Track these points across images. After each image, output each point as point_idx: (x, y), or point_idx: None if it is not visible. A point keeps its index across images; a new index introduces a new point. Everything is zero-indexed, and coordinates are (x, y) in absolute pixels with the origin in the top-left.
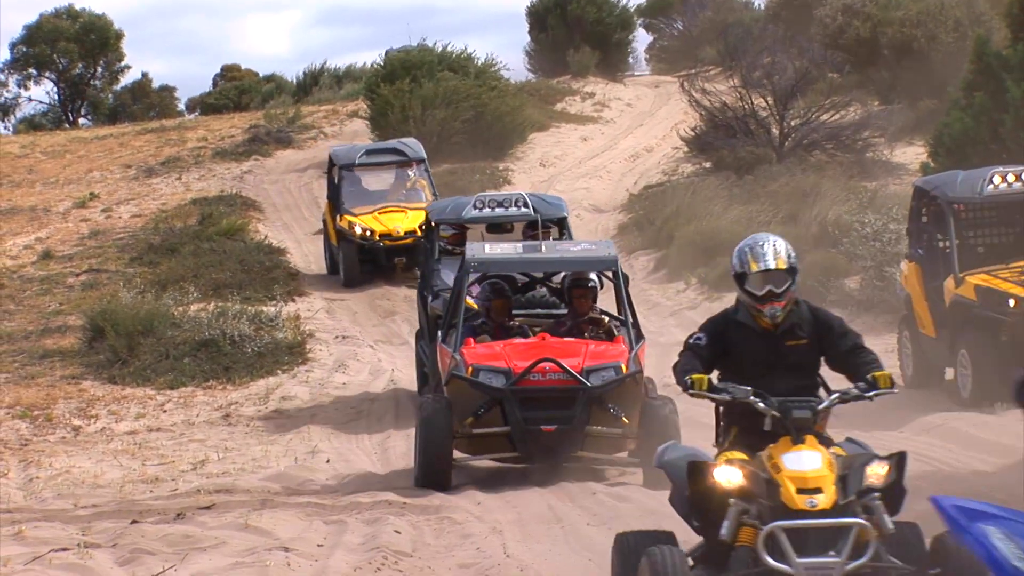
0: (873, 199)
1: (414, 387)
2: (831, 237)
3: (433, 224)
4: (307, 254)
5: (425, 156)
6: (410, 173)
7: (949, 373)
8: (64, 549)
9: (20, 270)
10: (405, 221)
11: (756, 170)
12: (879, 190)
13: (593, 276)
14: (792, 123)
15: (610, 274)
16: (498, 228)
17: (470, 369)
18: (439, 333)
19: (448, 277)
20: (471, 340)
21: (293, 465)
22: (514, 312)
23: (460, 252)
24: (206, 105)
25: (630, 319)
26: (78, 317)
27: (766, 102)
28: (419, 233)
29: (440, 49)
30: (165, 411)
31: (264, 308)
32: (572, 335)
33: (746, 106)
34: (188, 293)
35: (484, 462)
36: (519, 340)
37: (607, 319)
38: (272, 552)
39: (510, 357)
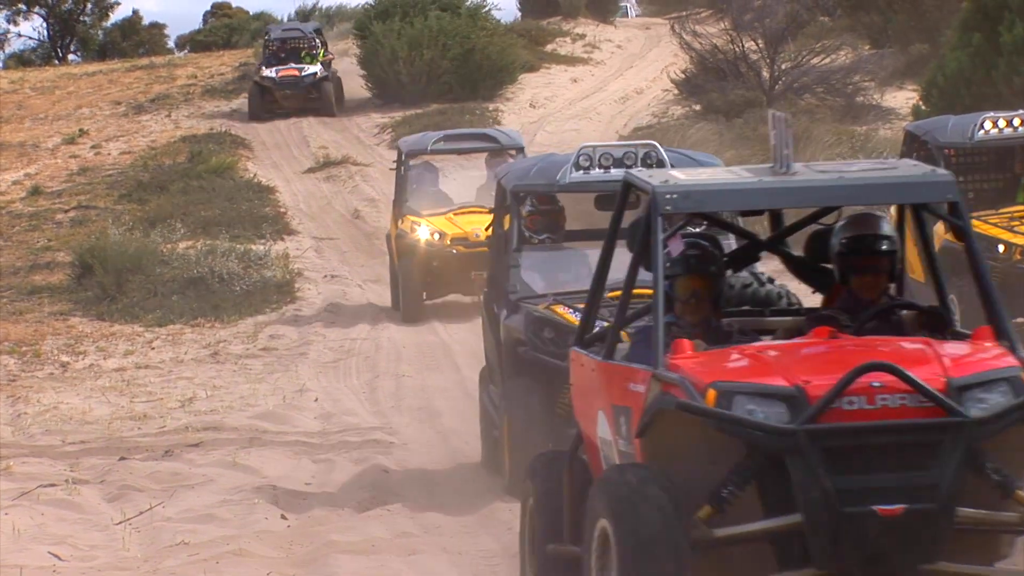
0: (865, 143)
1: (401, 328)
2: None
3: (511, 196)
4: (296, 193)
5: (524, 144)
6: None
7: None
8: (52, 485)
9: (9, 206)
10: (488, 223)
11: (746, 113)
12: (870, 135)
13: (889, 228)
14: (782, 66)
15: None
16: (611, 201)
17: (713, 394)
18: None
19: (533, 279)
20: (686, 343)
21: (281, 404)
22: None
23: (549, 239)
24: (196, 43)
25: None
26: (67, 253)
27: (757, 45)
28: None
29: None
30: (153, 348)
31: (253, 247)
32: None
33: (736, 49)
34: (176, 231)
35: None
36: (781, 343)
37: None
38: (260, 490)
39: (791, 368)
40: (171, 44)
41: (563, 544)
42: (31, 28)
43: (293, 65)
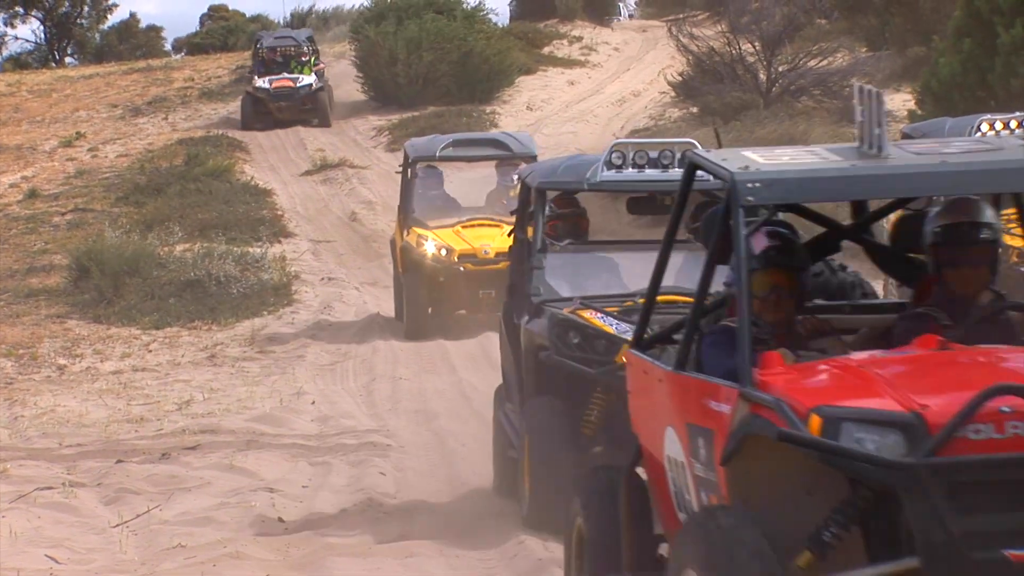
0: None
1: (399, 331)
2: None
3: (534, 193)
4: (293, 195)
5: (536, 152)
6: (515, 175)
7: None
8: (49, 488)
9: (6, 208)
10: (500, 239)
11: (743, 116)
12: None
13: (991, 215)
14: (779, 69)
15: None
16: (645, 204)
17: (817, 421)
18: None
19: (558, 282)
20: (775, 356)
21: (278, 406)
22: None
23: (570, 245)
24: (193, 45)
25: None
26: (64, 256)
27: (754, 47)
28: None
29: None
30: (150, 351)
31: (250, 249)
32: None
33: (733, 51)
34: (174, 233)
35: None
36: (885, 356)
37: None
38: (257, 493)
39: (904, 389)
40: (168, 47)
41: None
42: (28, 31)
43: (287, 75)
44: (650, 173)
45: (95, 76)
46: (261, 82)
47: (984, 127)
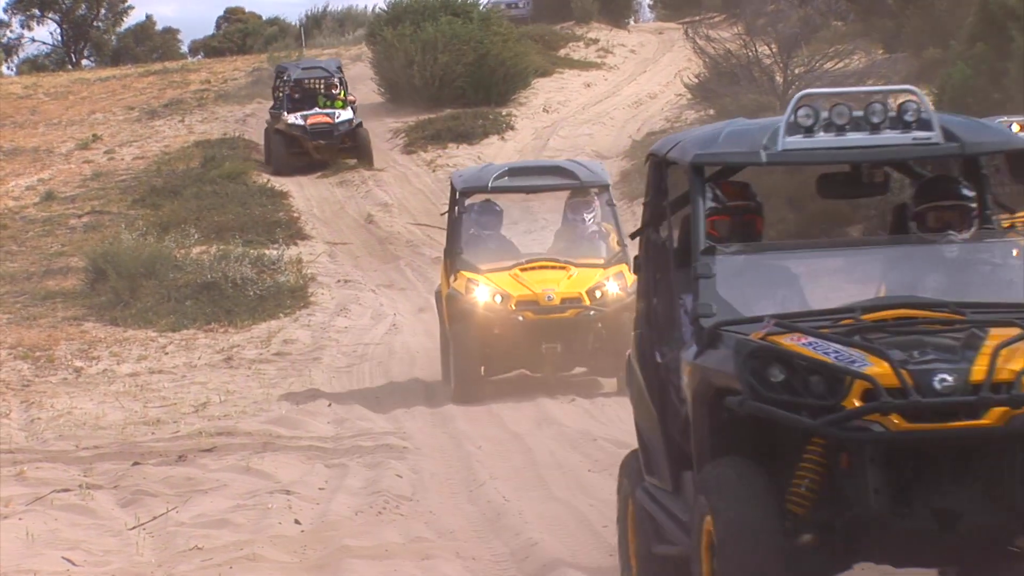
0: None
1: (415, 333)
2: None
3: (688, 172)
4: (309, 198)
5: (610, 181)
6: (586, 212)
7: None
8: (66, 490)
9: (23, 211)
10: (565, 283)
11: (759, 117)
12: None
13: None
14: (796, 71)
15: None
16: (847, 183)
17: None
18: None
19: (737, 295)
20: None
21: (294, 409)
22: None
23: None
24: (209, 48)
25: None
26: (80, 259)
27: (770, 50)
28: (586, 300)
29: None
30: (167, 353)
31: (266, 251)
32: None
33: (750, 54)
34: (190, 236)
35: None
36: None
37: None
38: (273, 495)
39: None
40: (184, 49)
41: None
42: (46, 33)
43: (321, 110)
44: (853, 138)
45: (111, 78)
46: (293, 118)
47: (1015, 127)
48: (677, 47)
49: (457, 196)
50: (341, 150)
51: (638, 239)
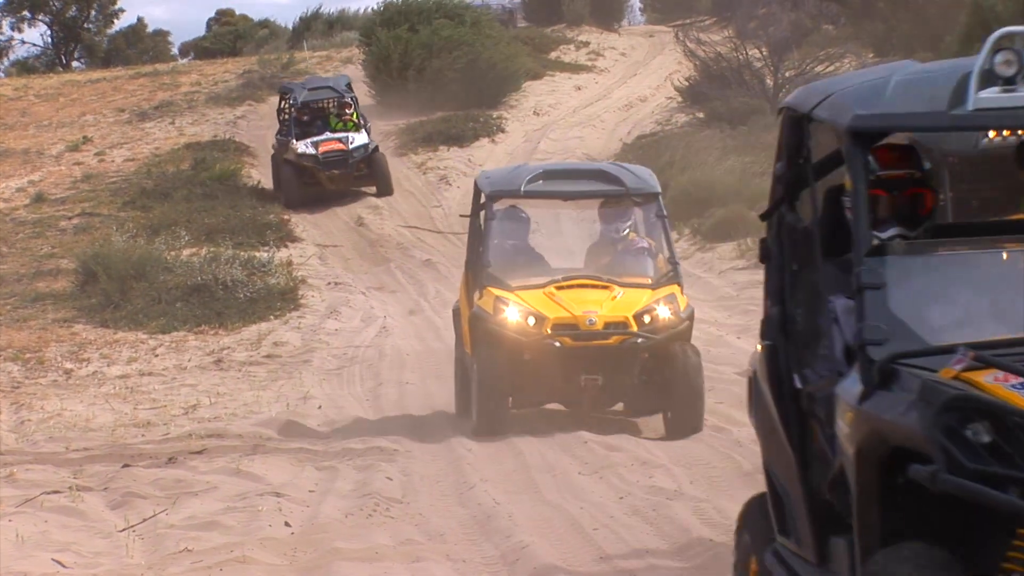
0: None
1: (406, 335)
2: None
3: (848, 142)
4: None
5: (659, 190)
6: (620, 223)
7: None
8: (56, 492)
9: (12, 213)
10: (609, 305)
11: (750, 121)
12: None
13: None
14: (786, 74)
15: None
16: None
17: None
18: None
19: (915, 312)
20: None
21: (285, 411)
22: None
23: (902, 237)
24: (200, 50)
25: None
26: (70, 260)
27: (760, 53)
28: (633, 326)
29: None
30: (157, 355)
31: (256, 254)
32: None
33: (740, 57)
34: (180, 238)
35: None
36: None
37: None
38: (263, 497)
39: None
40: (175, 51)
41: None
42: (36, 35)
43: (332, 135)
44: None
45: (102, 80)
46: (303, 147)
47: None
48: (668, 50)
49: (484, 200)
50: (357, 178)
51: (765, 223)
